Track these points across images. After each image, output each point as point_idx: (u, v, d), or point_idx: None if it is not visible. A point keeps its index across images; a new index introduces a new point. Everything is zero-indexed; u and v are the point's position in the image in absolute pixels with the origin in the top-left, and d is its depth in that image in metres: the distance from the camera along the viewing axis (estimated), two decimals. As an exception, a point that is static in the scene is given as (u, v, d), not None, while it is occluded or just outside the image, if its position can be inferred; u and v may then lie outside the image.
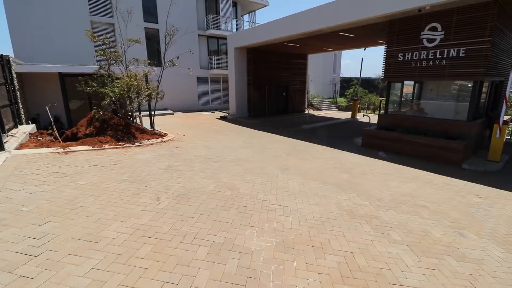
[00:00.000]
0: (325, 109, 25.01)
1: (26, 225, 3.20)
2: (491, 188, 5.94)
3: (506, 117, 7.88)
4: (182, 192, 4.61)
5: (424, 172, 6.90)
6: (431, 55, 8.48)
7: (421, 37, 8.60)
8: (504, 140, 7.91)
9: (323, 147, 9.34)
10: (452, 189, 5.79)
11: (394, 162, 7.71)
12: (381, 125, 10.11)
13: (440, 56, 8.30)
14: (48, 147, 6.68)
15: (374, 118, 12.82)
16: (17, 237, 2.95)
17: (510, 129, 11.91)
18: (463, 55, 7.85)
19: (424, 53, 8.62)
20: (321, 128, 14.10)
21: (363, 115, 16.45)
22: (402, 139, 8.80)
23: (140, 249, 2.93)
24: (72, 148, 6.64)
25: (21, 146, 6.53)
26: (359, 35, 12.25)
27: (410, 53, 8.96)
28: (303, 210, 4.29)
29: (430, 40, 8.44)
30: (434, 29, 8.31)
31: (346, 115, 19.65)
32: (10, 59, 9.13)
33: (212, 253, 2.98)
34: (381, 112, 12.88)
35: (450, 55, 8.08)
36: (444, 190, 5.67)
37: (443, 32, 8.15)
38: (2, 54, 8.11)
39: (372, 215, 4.27)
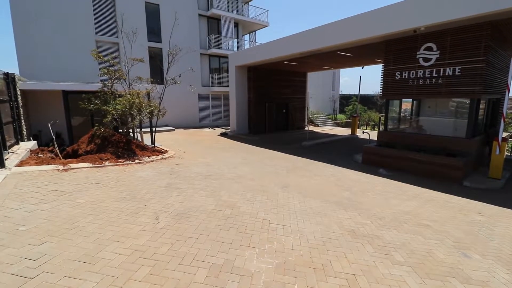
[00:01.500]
0: (325, 126, 25.19)
1: (23, 246, 3.15)
2: (493, 206, 5.89)
3: (504, 134, 7.92)
4: (182, 211, 4.56)
5: (425, 189, 6.86)
6: (428, 74, 8.66)
7: (417, 56, 8.82)
8: (504, 157, 7.92)
9: (323, 164, 9.33)
10: (454, 207, 5.73)
11: (394, 180, 7.67)
12: (381, 142, 10.15)
13: (436, 75, 8.48)
14: (48, 164, 6.69)
15: (374, 135, 12.89)
16: (13, 258, 2.90)
17: (510, 145, 11.93)
18: (459, 73, 8.02)
19: (420, 72, 8.81)
20: (321, 144, 14.14)
21: (363, 132, 16.55)
22: (402, 156, 8.81)
23: (138, 272, 2.87)
24: (72, 165, 6.65)
25: (21, 163, 6.54)
26: (357, 54, 12.57)
27: (407, 72, 9.15)
28: (304, 229, 4.24)
29: (426, 60, 8.65)
30: (429, 49, 8.54)
31: (346, 131, 19.75)
32: (15, 76, 9.33)
33: (211, 275, 2.91)
34: (381, 128, 12.98)
35: (446, 74, 8.25)
36: (446, 208, 5.61)
37: (438, 52, 8.37)
38: (8, 72, 8.30)
39: (374, 235, 4.21)
